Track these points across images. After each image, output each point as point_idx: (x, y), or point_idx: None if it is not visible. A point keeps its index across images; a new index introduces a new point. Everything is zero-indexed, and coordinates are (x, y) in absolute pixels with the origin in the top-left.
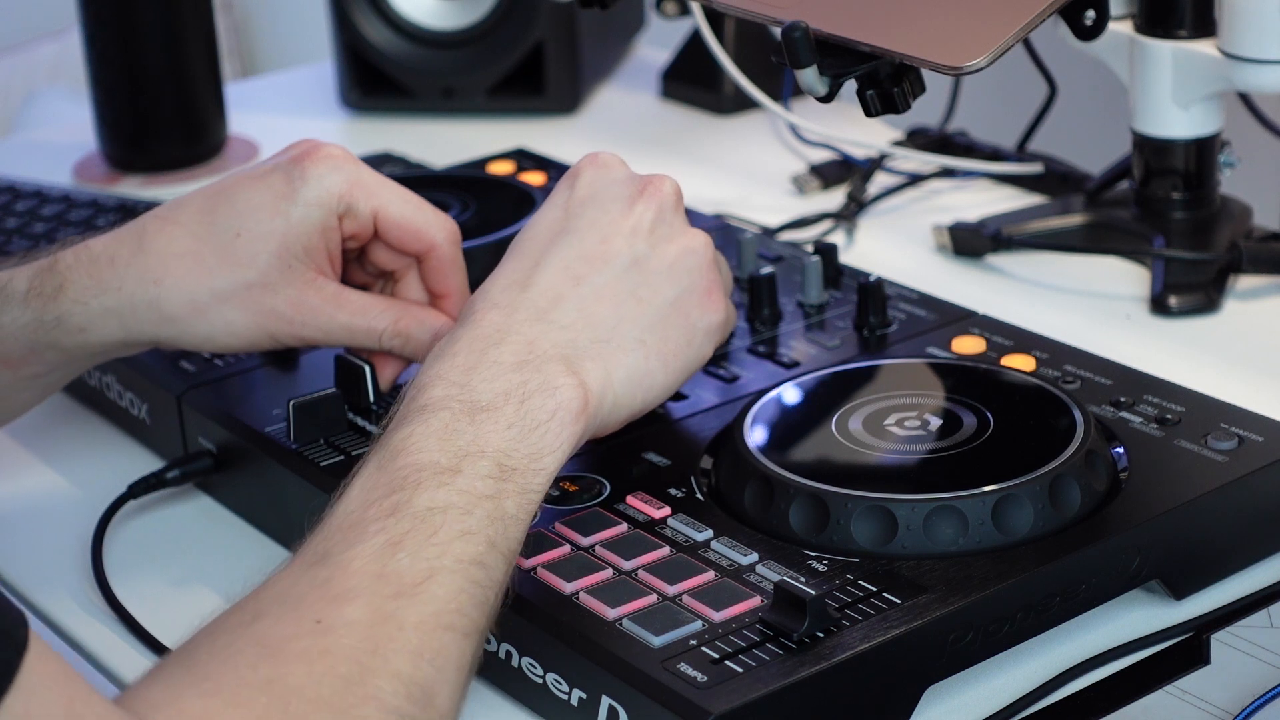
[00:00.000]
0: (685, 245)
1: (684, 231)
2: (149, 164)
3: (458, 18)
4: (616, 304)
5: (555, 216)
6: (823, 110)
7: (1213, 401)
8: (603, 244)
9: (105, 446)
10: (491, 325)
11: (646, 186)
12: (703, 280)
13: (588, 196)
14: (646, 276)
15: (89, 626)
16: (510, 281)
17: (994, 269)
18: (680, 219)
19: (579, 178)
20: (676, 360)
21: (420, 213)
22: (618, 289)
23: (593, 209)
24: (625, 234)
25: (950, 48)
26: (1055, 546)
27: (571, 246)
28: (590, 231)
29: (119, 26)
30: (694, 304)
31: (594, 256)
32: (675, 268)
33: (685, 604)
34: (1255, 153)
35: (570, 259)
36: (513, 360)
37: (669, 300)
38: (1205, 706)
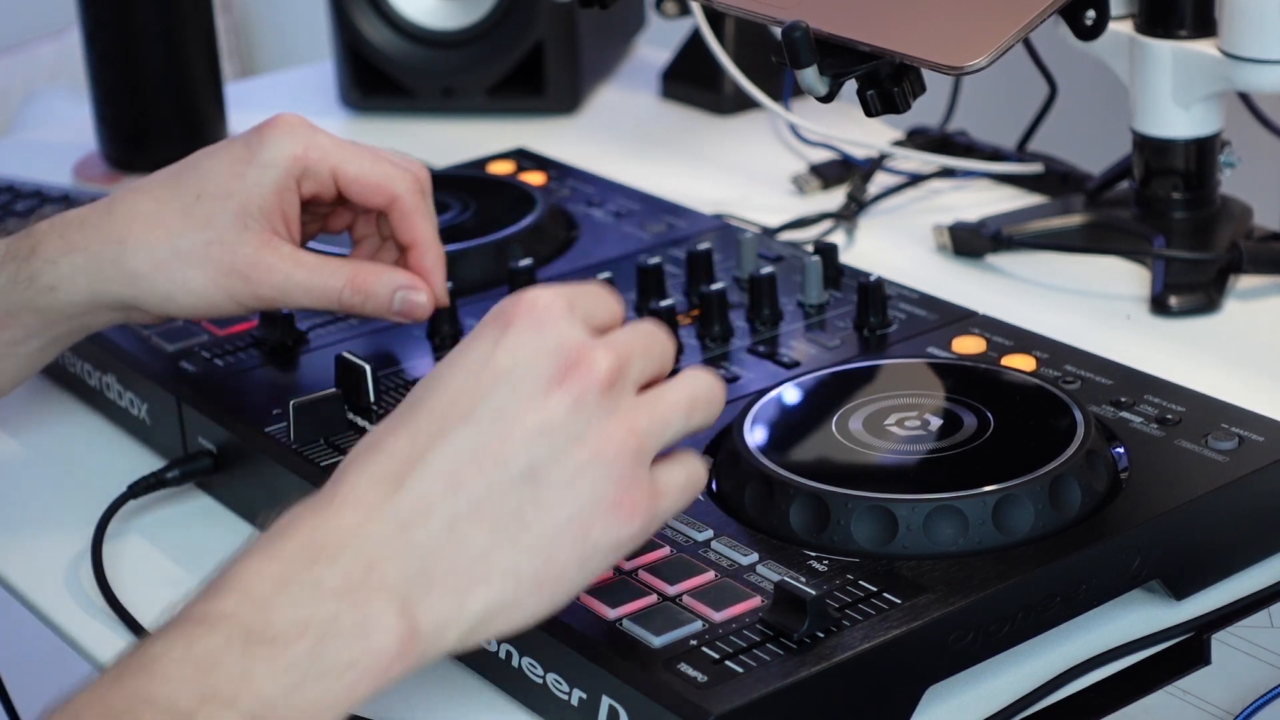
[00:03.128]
0: (598, 449)
1: (605, 424)
2: (149, 164)
3: (458, 18)
4: (494, 526)
5: (465, 383)
6: (823, 110)
7: (1213, 401)
8: (499, 443)
9: (105, 446)
10: (337, 530)
11: (573, 369)
12: (614, 489)
13: (505, 368)
14: (539, 491)
15: (89, 626)
16: (386, 472)
17: (994, 269)
18: (607, 406)
19: (506, 334)
20: (558, 587)
21: (378, 165)
22: (500, 507)
23: (504, 389)
24: (528, 433)
25: (950, 48)
26: (1055, 546)
27: (465, 441)
28: (491, 424)
29: (119, 26)
30: (596, 520)
31: (485, 459)
32: (579, 478)
33: (685, 604)
34: (1255, 153)
35: (458, 459)
36: (338, 584)
37: (561, 521)
38: (1205, 706)
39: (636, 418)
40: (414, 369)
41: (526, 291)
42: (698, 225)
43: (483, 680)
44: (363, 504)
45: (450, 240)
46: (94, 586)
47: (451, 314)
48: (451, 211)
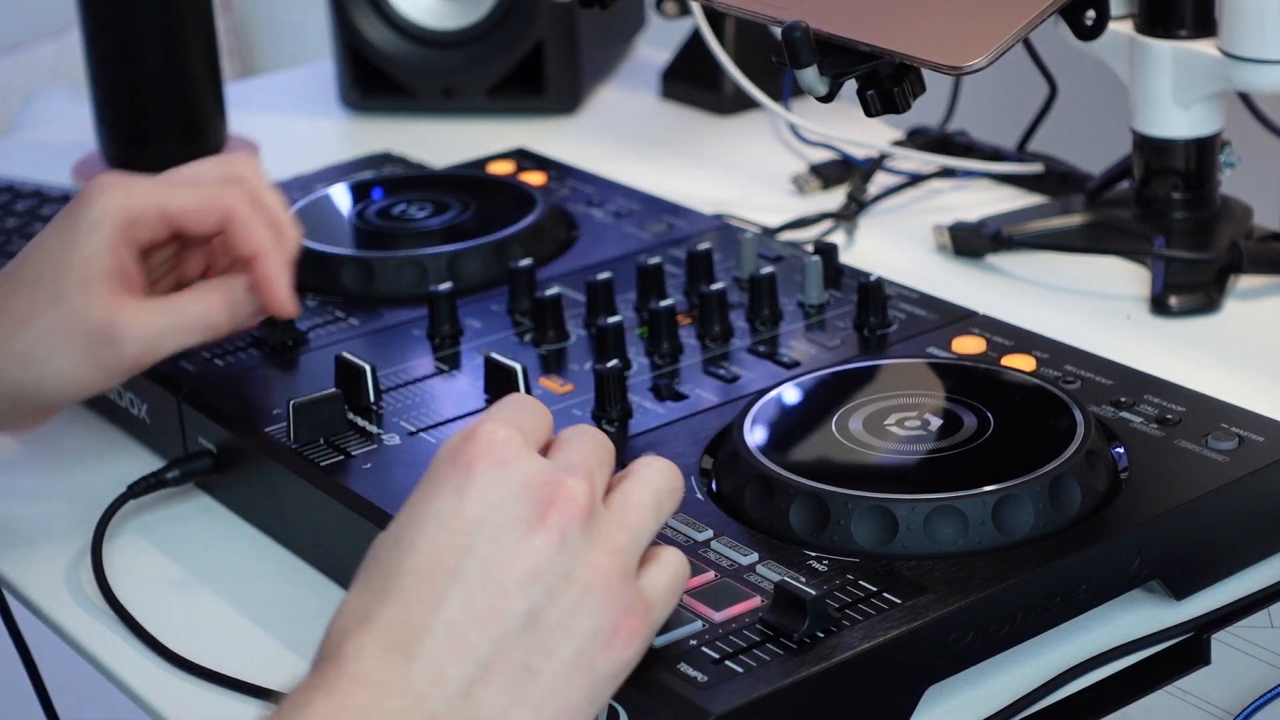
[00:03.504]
0: (588, 581)
1: (590, 554)
2: (149, 164)
3: (458, 18)
4: (506, 683)
5: (443, 540)
6: (823, 110)
7: (1213, 401)
8: (495, 598)
9: (105, 446)
10: (354, 708)
11: (551, 505)
12: (610, 616)
13: (480, 516)
14: (542, 637)
15: (89, 626)
16: (390, 643)
17: (994, 269)
18: (589, 535)
19: (471, 479)
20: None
21: (200, 190)
22: (509, 662)
23: (486, 540)
24: (520, 580)
25: (950, 48)
26: (1055, 546)
27: (460, 600)
28: (482, 580)
29: (119, 26)
30: (599, 650)
31: (483, 615)
32: (576, 613)
33: (685, 604)
34: (1255, 153)
35: (458, 621)
36: None
37: (568, 660)
38: (1205, 706)
39: (615, 537)
40: (414, 369)
41: (476, 430)
42: (698, 225)
43: None
44: (374, 681)
45: (450, 240)
46: (94, 586)
47: (451, 314)
48: (451, 211)
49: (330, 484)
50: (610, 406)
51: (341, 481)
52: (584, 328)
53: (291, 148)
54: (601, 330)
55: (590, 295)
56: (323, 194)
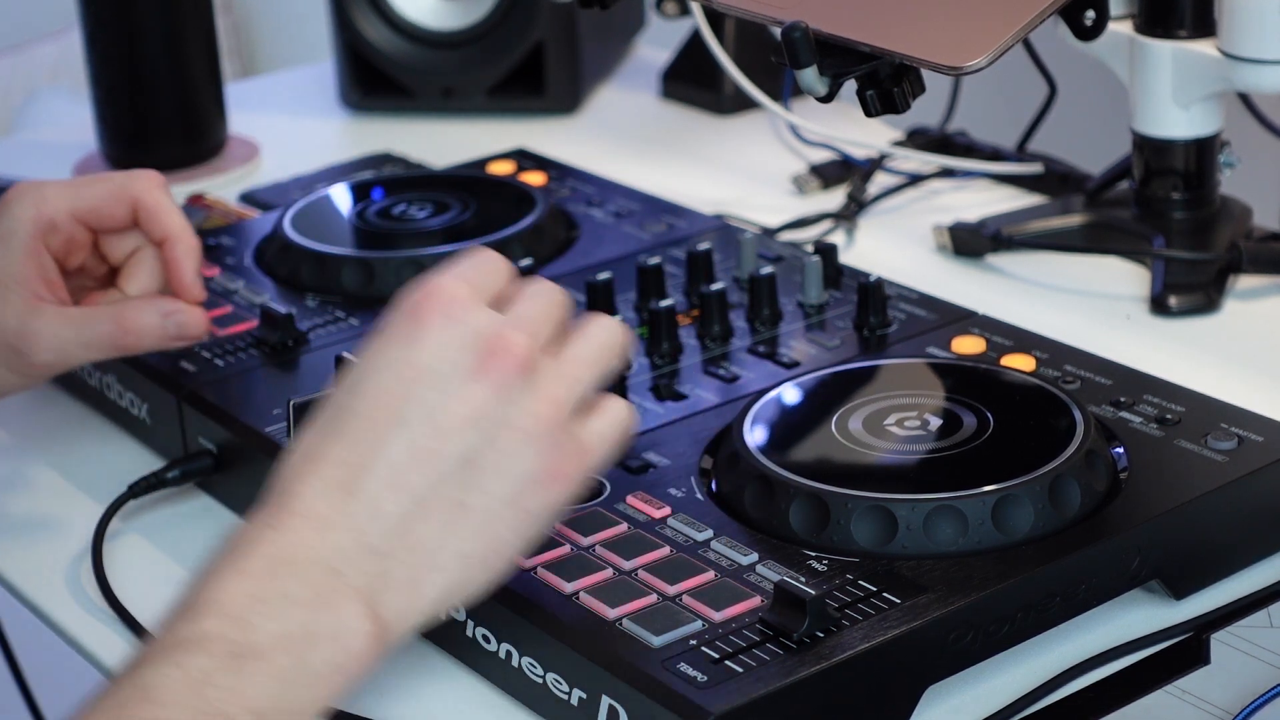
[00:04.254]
0: (524, 428)
1: (528, 403)
2: (149, 164)
3: (458, 18)
4: (440, 518)
5: (391, 387)
6: (823, 110)
7: (1213, 401)
8: (434, 439)
9: (105, 446)
10: (299, 543)
11: (491, 356)
12: (544, 460)
13: (426, 365)
14: (477, 477)
15: (89, 626)
16: (334, 480)
17: (994, 269)
18: (527, 384)
19: (420, 330)
20: (501, 559)
21: (107, 183)
22: (444, 499)
23: (429, 388)
24: (459, 425)
25: (950, 48)
26: (1055, 546)
27: (402, 442)
28: (423, 422)
29: (119, 26)
30: (533, 492)
31: (423, 457)
32: (511, 459)
33: (685, 604)
34: (1255, 153)
35: (399, 461)
36: (308, 595)
37: (500, 501)
38: (1205, 706)
39: (555, 388)
40: None
41: (430, 283)
42: (698, 225)
43: (483, 680)
44: (317, 516)
45: (450, 240)
46: (94, 586)
47: None
48: (451, 211)
49: None
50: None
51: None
52: None
53: (291, 148)
54: None
55: (590, 295)
56: (323, 194)
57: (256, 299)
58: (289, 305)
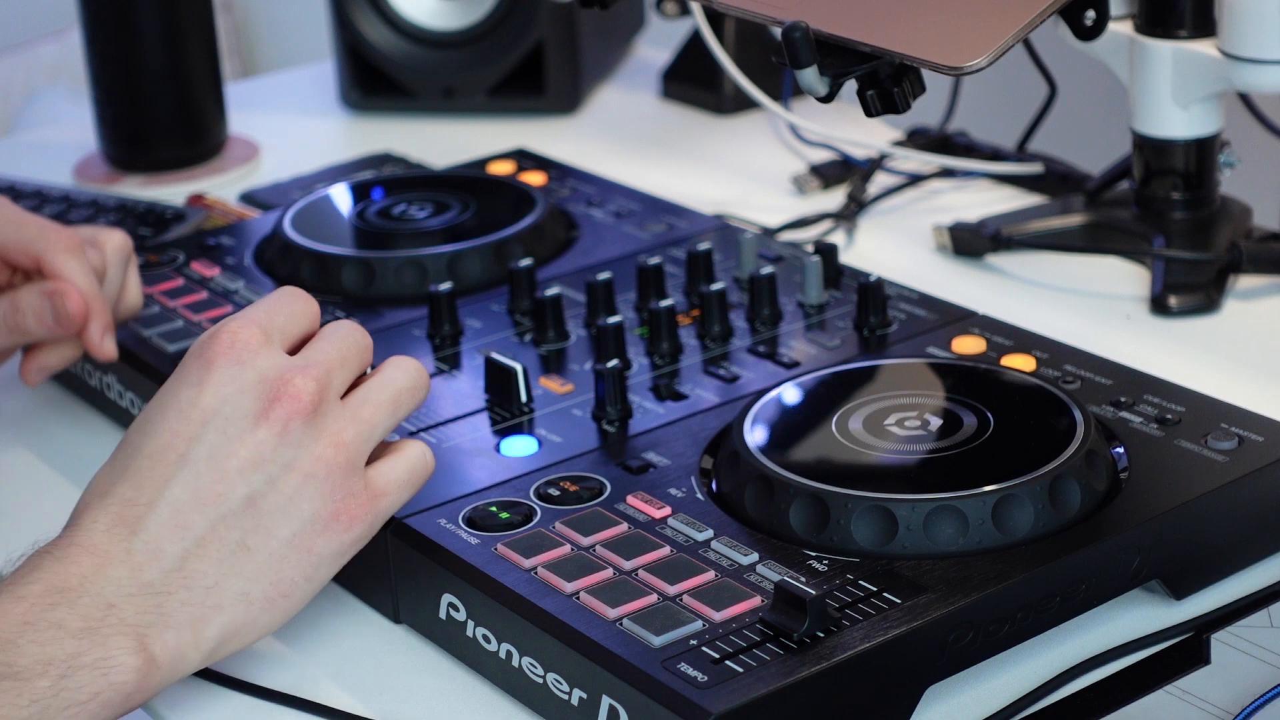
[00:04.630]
0: (309, 471)
1: (313, 446)
2: (149, 164)
3: (458, 18)
4: (221, 558)
5: (178, 428)
6: (823, 110)
7: (1213, 401)
8: (217, 483)
9: (106, 446)
10: (77, 575)
11: (279, 397)
12: (330, 503)
13: (213, 409)
14: (260, 519)
15: None
16: (119, 517)
17: (994, 269)
18: (313, 428)
19: (209, 373)
20: (288, 601)
21: (21, 229)
22: (225, 539)
23: (215, 430)
24: (242, 467)
25: (950, 48)
26: (1055, 546)
27: (187, 484)
28: (207, 465)
29: (119, 26)
30: (317, 534)
31: (206, 499)
32: (295, 500)
33: (685, 604)
34: (1255, 153)
35: (183, 502)
36: (79, 625)
37: (285, 540)
38: (1205, 706)
39: (343, 431)
40: None
41: (223, 326)
42: (698, 225)
43: (483, 680)
44: (99, 550)
45: (450, 240)
46: None
47: (452, 314)
48: (451, 211)
49: None
50: (610, 406)
51: None
52: (584, 328)
53: (291, 148)
54: (601, 330)
55: (590, 295)
56: (323, 194)
57: (256, 299)
58: None
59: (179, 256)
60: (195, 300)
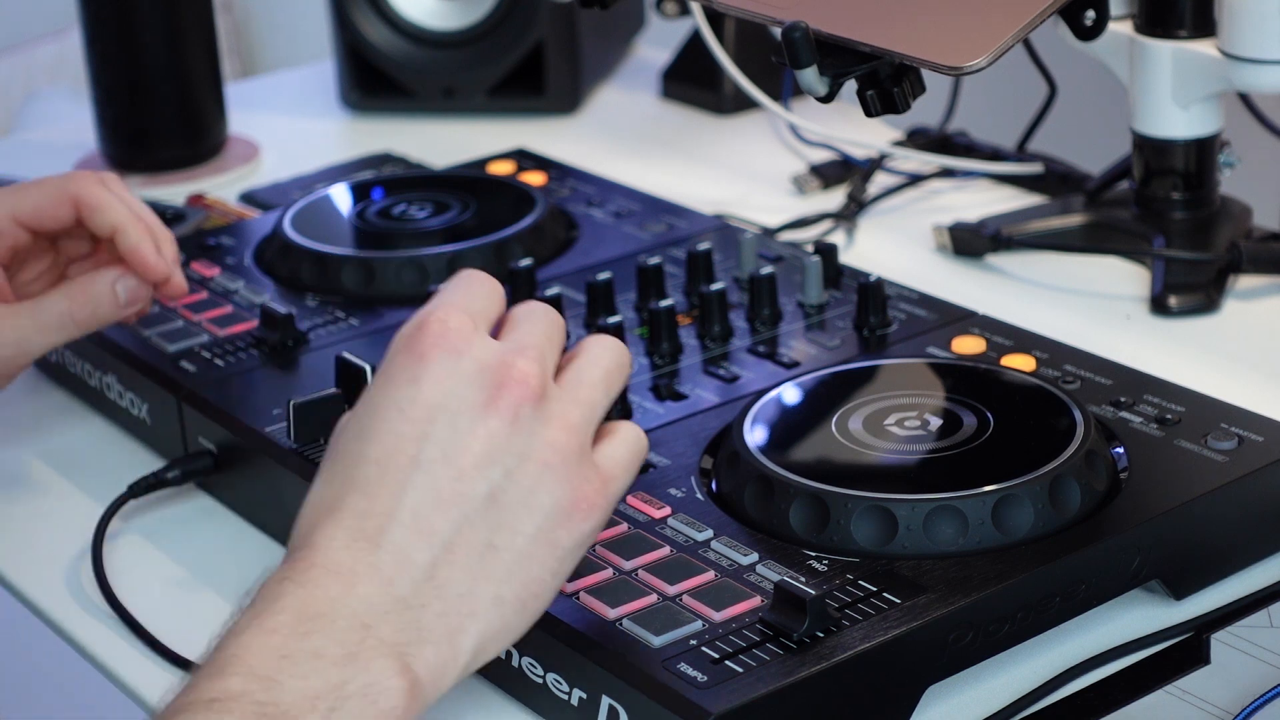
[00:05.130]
0: (544, 460)
1: (545, 432)
2: (149, 164)
3: (458, 18)
4: (470, 563)
5: (402, 429)
6: (823, 110)
7: (1213, 401)
8: (456, 481)
9: (105, 446)
10: (325, 598)
11: (503, 385)
12: (569, 490)
13: (437, 404)
14: (503, 515)
15: (89, 626)
16: (357, 531)
17: (994, 269)
18: (542, 413)
19: (425, 367)
20: (539, 600)
21: (46, 184)
22: (472, 542)
23: (443, 426)
24: (479, 462)
25: (950, 48)
26: (1055, 546)
27: (425, 488)
28: (442, 465)
29: (119, 26)
30: (559, 527)
31: (448, 500)
32: (535, 490)
33: (685, 604)
34: (1255, 153)
35: (423, 506)
36: (338, 652)
37: (530, 536)
38: (1205, 706)
39: (569, 414)
40: None
41: (428, 319)
42: (698, 225)
43: (482, 680)
44: (344, 569)
45: (450, 240)
46: (94, 586)
47: None
48: (451, 211)
49: None
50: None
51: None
52: (584, 328)
53: (291, 148)
54: (601, 330)
55: (590, 295)
56: (323, 194)
57: (256, 299)
58: (289, 305)
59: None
60: (195, 300)
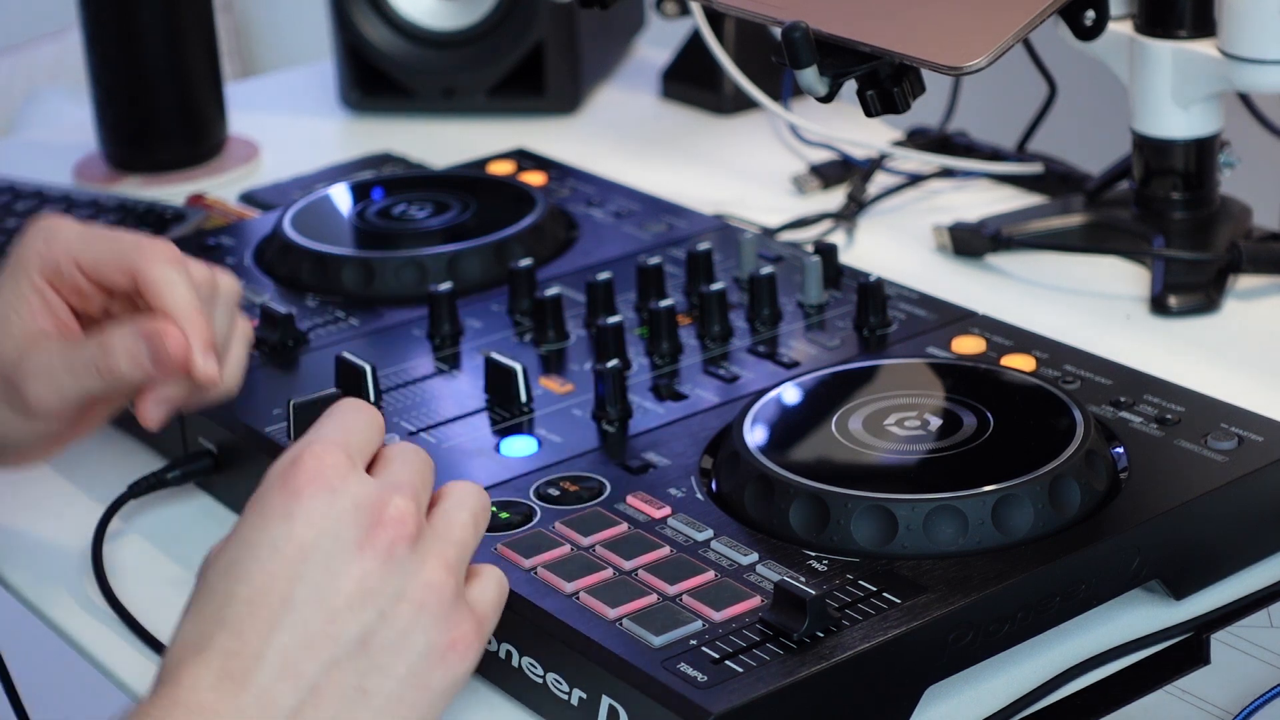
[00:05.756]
0: (420, 600)
1: (421, 572)
2: (149, 164)
3: (458, 18)
4: (338, 707)
5: (274, 568)
6: (823, 110)
7: (1213, 401)
8: (327, 624)
9: (105, 446)
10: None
11: (380, 522)
12: (444, 631)
13: (310, 542)
14: (375, 658)
15: (89, 626)
16: (223, 671)
17: (994, 269)
18: (417, 552)
19: (299, 504)
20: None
21: (114, 243)
22: (342, 685)
23: (316, 566)
24: (351, 603)
25: (950, 48)
26: (1055, 546)
27: (295, 629)
28: (314, 606)
29: (119, 26)
30: (434, 669)
31: (316, 643)
32: (410, 632)
33: (685, 604)
34: (1255, 153)
35: (292, 648)
36: None
37: (401, 680)
38: (1205, 706)
39: (446, 553)
40: (414, 369)
41: (303, 454)
42: (698, 225)
43: (483, 680)
44: (207, 709)
45: (450, 240)
46: (94, 586)
47: (452, 314)
48: (451, 211)
49: None
50: (610, 406)
51: None
52: (584, 328)
53: (291, 148)
54: (601, 330)
55: (590, 295)
56: (323, 194)
57: (256, 299)
58: (289, 305)
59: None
60: None
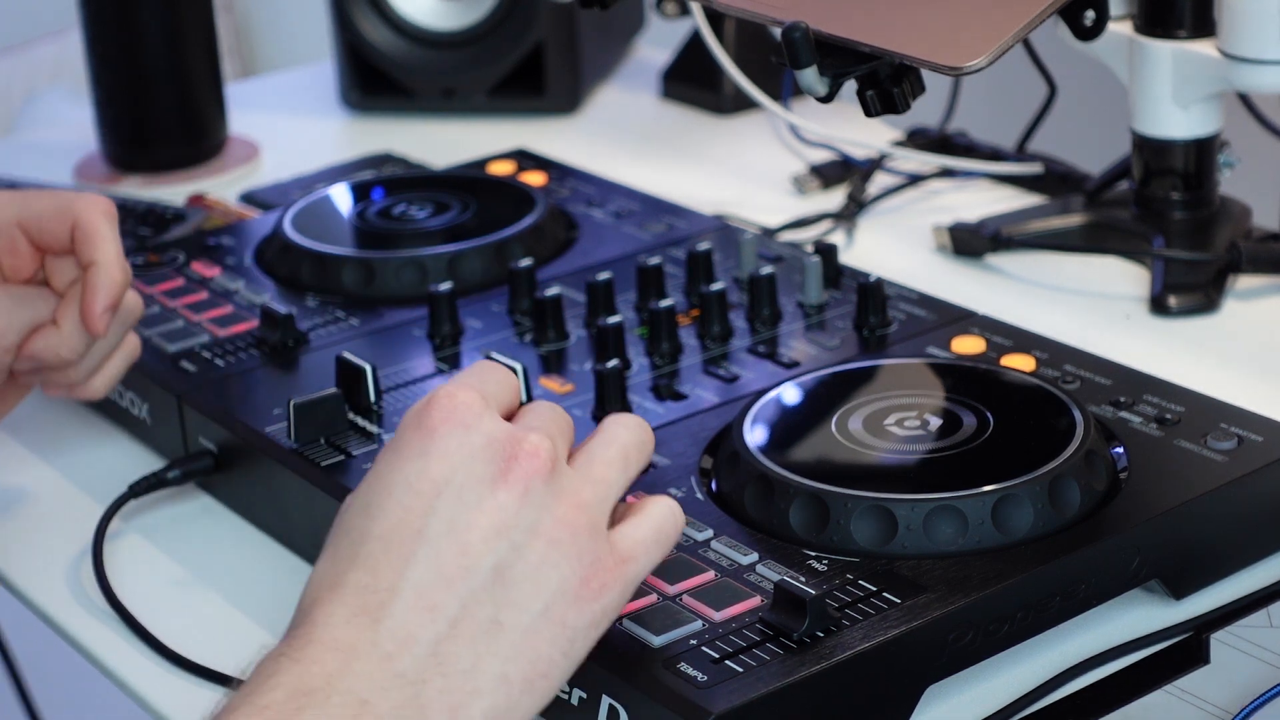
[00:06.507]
0: (552, 536)
1: (555, 507)
2: (149, 164)
3: (458, 18)
4: (474, 638)
5: (408, 504)
6: (823, 110)
7: (1213, 401)
8: (461, 556)
9: (105, 446)
10: (321, 674)
11: (512, 461)
12: (577, 569)
13: (444, 478)
14: (509, 592)
15: (89, 626)
16: (358, 606)
17: (994, 269)
18: (552, 489)
19: (433, 441)
20: (548, 681)
21: (54, 198)
22: (477, 617)
23: (450, 500)
24: (486, 536)
25: (950, 48)
26: (1055, 546)
27: (429, 562)
28: (448, 539)
29: (119, 26)
30: (569, 605)
31: (451, 576)
32: (543, 567)
33: (685, 604)
34: (1255, 153)
35: (426, 582)
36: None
37: (537, 614)
38: (1205, 706)
39: (580, 491)
40: (414, 369)
41: (437, 394)
42: (698, 225)
43: None
44: (342, 645)
45: (450, 240)
46: (95, 586)
47: (452, 314)
48: (451, 211)
49: (330, 484)
50: (610, 406)
51: (342, 481)
52: (584, 328)
53: (291, 148)
54: (601, 330)
55: (590, 295)
56: (323, 194)
57: (256, 299)
58: (289, 305)
59: (179, 256)
60: (196, 300)
